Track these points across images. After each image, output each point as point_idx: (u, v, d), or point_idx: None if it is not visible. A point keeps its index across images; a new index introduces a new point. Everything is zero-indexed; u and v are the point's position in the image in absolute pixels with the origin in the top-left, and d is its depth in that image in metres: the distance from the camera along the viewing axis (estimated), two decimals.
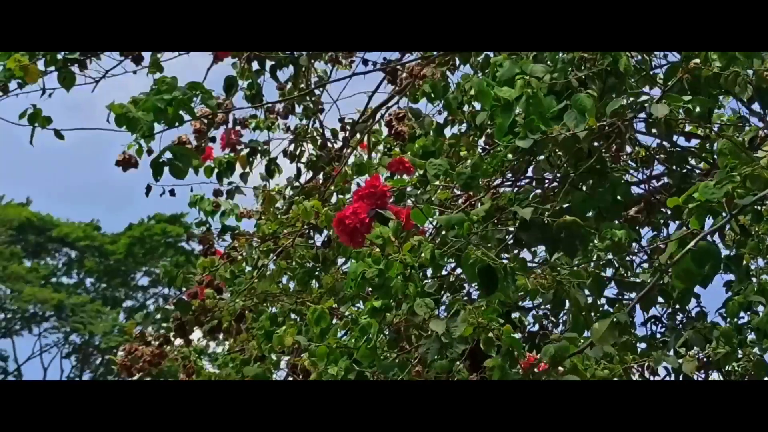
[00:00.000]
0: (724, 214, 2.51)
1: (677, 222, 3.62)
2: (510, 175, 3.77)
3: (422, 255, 3.06)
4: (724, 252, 3.36)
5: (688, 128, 3.81)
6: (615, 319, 2.69)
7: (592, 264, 3.21)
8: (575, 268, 3.07)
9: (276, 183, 4.74)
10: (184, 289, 4.27)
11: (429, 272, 3.54)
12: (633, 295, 3.85)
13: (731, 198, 2.46)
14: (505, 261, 2.81)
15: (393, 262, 2.91)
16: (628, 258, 3.51)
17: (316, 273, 4.23)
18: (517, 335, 3.66)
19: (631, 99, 3.00)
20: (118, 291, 28.70)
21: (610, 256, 3.77)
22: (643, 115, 3.52)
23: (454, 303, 2.86)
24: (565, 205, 3.22)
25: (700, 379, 3.62)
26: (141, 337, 4.07)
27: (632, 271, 3.49)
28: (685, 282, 2.54)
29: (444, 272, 3.66)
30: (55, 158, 42.07)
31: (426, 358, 3.14)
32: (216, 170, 4.66)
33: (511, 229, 3.24)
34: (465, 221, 3.00)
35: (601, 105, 2.89)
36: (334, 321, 3.45)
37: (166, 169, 3.67)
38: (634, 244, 3.69)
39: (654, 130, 3.51)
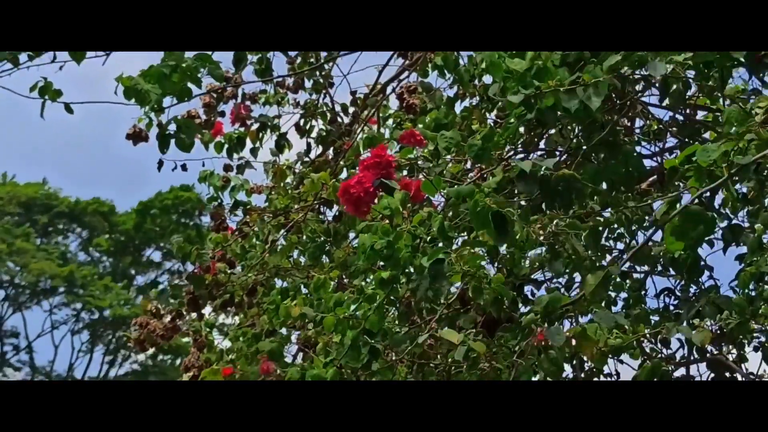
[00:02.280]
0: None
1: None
2: (522, 148, 3.76)
3: (432, 228, 3.06)
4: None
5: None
6: (608, 272, 2.67)
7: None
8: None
9: (286, 158, 4.74)
10: (193, 264, 4.26)
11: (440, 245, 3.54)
12: (645, 268, 3.86)
13: (729, 159, 2.44)
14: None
15: (401, 233, 2.90)
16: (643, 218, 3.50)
17: (327, 247, 4.23)
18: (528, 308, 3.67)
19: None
20: (129, 268, 28.84)
21: (621, 230, 3.81)
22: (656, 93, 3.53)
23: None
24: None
25: (714, 351, 3.63)
26: (155, 312, 4.08)
27: (634, 227, 3.50)
28: (675, 243, 2.53)
29: (455, 246, 3.66)
30: (65, 132, 42.27)
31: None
32: (226, 146, 4.66)
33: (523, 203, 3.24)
34: (475, 192, 2.99)
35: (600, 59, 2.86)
36: (345, 297, 3.45)
37: (173, 142, 3.66)
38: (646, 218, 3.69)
39: (666, 102, 3.48)
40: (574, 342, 2.98)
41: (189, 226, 27.55)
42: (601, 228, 3.34)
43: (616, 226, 3.70)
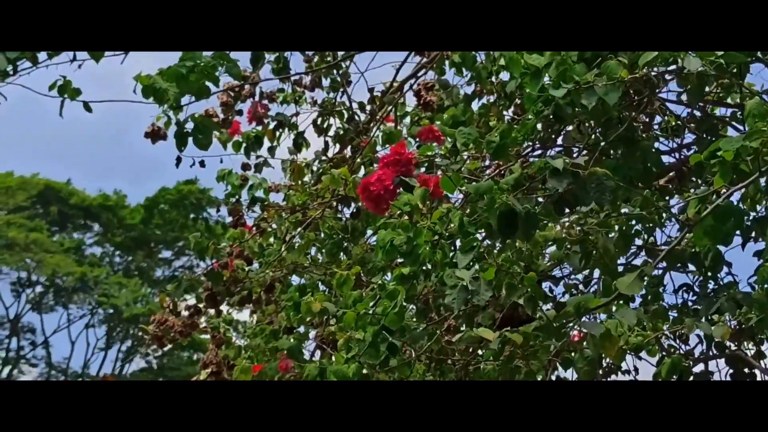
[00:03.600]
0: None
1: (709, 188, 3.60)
2: (539, 144, 3.76)
3: (451, 224, 3.06)
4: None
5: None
6: (642, 271, 2.67)
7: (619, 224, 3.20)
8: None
9: (303, 157, 4.75)
10: (211, 260, 4.27)
11: (457, 243, 3.55)
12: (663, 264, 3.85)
13: (758, 154, 2.43)
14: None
15: (421, 229, 2.90)
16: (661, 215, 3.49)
17: (345, 244, 4.24)
18: (548, 306, 3.67)
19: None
20: (143, 263, 28.96)
21: (639, 227, 3.80)
22: (674, 86, 3.52)
23: (469, 242, 2.83)
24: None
25: (733, 347, 3.62)
26: (172, 308, 4.09)
27: (660, 225, 3.48)
28: (705, 240, 2.52)
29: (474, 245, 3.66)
30: (84, 131, 42.53)
31: (451, 311, 3.14)
32: (244, 144, 4.67)
33: (540, 199, 3.23)
34: (494, 189, 2.99)
35: (634, 57, 2.86)
36: (363, 293, 3.46)
37: (191, 140, 3.66)
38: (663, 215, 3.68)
39: (683, 97, 3.48)
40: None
41: (196, 220, 27.75)
42: (625, 228, 3.32)
43: (634, 222, 3.70)
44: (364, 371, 3.07)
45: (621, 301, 3.12)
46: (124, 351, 29.04)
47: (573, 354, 2.96)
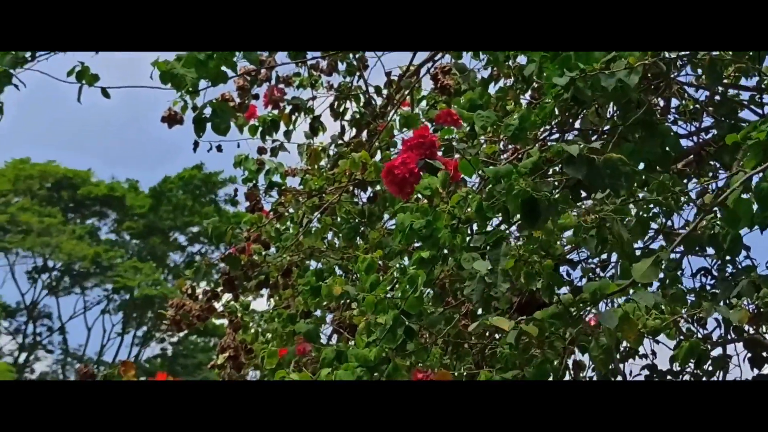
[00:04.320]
0: None
1: (727, 172, 3.58)
2: (557, 128, 3.75)
3: (469, 208, 3.06)
4: None
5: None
6: (657, 257, 2.66)
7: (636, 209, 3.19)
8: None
9: (320, 141, 4.75)
10: (228, 245, 4.28)
11: (474, 227, 3.55)
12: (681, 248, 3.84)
13: None
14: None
15: (441, 213, 2.90)
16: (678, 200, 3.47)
17: (362, 229, 4.24)
18: (565, 290, 3.66)
19: None
20: (158, 248, 29.11)
21: (656, 211, 3.79)
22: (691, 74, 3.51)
23: (495, 234, 2.83)
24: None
25: (751, 331, 3.61)
26: (190, 293, 4.11)
27: (677, 210, 3.46)
28: (734, 223, 2.51)
29: (489, 228, 3.66)
30: (101, 117, 42.74)
31: (470, 302, 3.13)
32: (260, 129, 4.67)
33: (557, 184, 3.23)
34: (513, 173, 2.98)
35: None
36: (381, 277, 3.46)
37: (209, 125, 3.67)
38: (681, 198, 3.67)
39: (702, 78, 3.47)
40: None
41: (206, 203, 27.94)
42: (643, 213, 3.31)
43: (651, 206, 3.69)
44: (384, 355, 3.07)
45: (639, 285, 3.12)
46: (140, 337, 29.19)
47: (589, 339, 2.95)
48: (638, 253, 3.50)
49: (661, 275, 3.85)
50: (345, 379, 2.97)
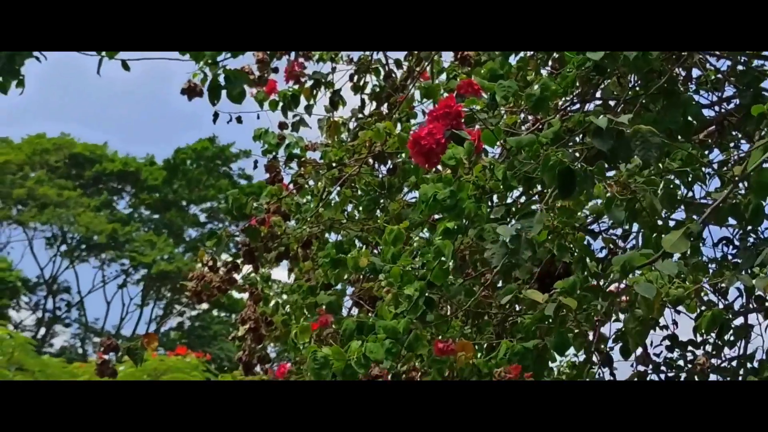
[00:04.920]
0: None
1: (750, 142, 3.56)
2: (578, 98, 3.74)
3: (492, 178, 3.06)
4: None
5: None
6: (687, 229, 2.65)
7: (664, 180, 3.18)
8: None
9: (340, 115, 4.74)
10: (248, 216, 4.28)
11: (495, 199, 3.55)
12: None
13: None
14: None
15: (465, 183, 2.90)
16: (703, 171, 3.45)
17: (382, 201, 4.24)
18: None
19: None
20: (174, 223, 29.24)
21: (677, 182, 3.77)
22: None
23: (529, 205, 2.83)
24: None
25: None
26: (211, 265, 4.11)
27: (705, 184, 3.45)
28: (761, 194, 2.50)
29: (510, 200, 3.66)
30: (120, 89, 42.87)
31: (490, 266, 3.13)
32: (280, 103, 4.66)
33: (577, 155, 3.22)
34: (535, 143, 2.98)
35: None
36: (402, 249, 3.46)
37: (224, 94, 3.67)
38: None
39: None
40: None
41: (220, 176, 28.05)
42: (672, 185, 3.30)
43: (672, 177, 3.67)
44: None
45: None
46: (159, 310, 29.37)
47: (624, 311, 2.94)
48: (660, 223, 3.50)
49: None
50: (374, 350, 2.98)
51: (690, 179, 3.61)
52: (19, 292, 27.48)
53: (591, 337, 3.49)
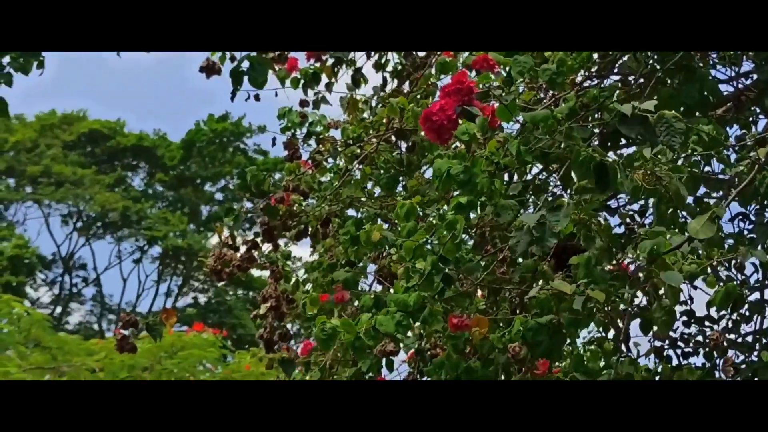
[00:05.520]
0: None
1: None
2: (595, 73, 3.74)
3: (506, 154, 3.06)
4: None
5: None
6: (713, 213, 2.66)
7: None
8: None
9: (362, 94, 4.74)
10: (266, 193, 4.30)
11: (514, 176, 3.56)
12: (719, 193, 3.83)
13: None
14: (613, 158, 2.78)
15: (479, 158, 2.91)
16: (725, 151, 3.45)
17: (401, 178, 4.26)
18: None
19: None
20: (188, 200, 29.31)
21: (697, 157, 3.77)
22: None
23: (546, 183, 2.84)
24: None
25: None
26: (230, 243, 4.14)
27: (729, 165, 3.44)
28: None
29: (528, 176, 3.67)
30: (137, 67, 42.93)
31: (513, 253, 3.14)
32: (302, 81, 4.67)
33: (596, 130, 3.22)
34: (550, 118, 2.99)
35: None
36: (418, 224, 3.48)
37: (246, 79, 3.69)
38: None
39: None
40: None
41: (236, 153, 28.08)
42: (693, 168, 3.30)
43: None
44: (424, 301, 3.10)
45: (676, 229, 3.12)
46: (175, 287, 29.48)
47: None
48: None
49: None
50: (385, 323, 3.00)
51: (709, 158, 3.61)
52: (35, 269, 27.62)
53: (622, 325, 3.50)
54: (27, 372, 9.44)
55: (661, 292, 2.99)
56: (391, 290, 3.48)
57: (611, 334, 3.88)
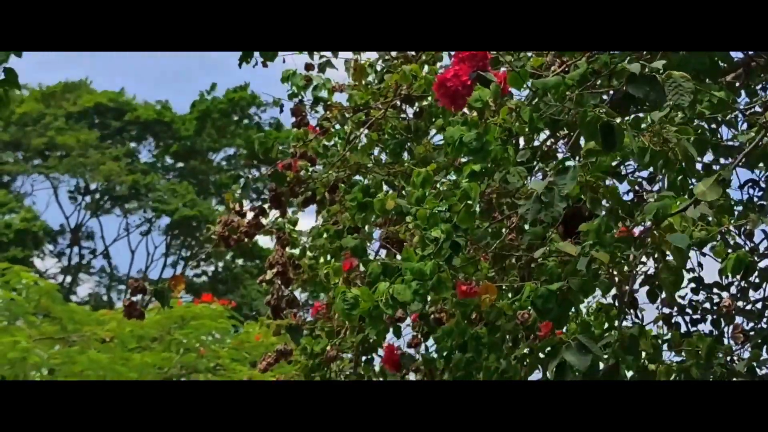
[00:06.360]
0: None
1: None
2: None
3: (517, 122, 3.05)
4: None
5: None
6: (719, 176, 2.65)
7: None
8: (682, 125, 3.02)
9: (367, 57, 4.71)
10: (274, 160, 4.29)
11: (521, 142, 3.54)
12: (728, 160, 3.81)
13: None
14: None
15: (491, 126, 2.90)
16: (731, 115, 3.44)
17: (408, 144, 4.25)
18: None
19: None
20: (197, 170, 29.28)
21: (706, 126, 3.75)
22: None
23: (562, 162, 2.83)
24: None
25: None
26: (238, 210, 4.14)
27: (737, 128, 3.42)
28: None
29: (536, 143, 3.65)
30: None
31: (522, 221, 3.13)
32: None
33: (605, 97, 3.20)
34: (561, 84, 2.97)
35: None
36: (427, 192, 3.47)
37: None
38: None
39: None
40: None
41: (249, 126, 28.03)
42: (701, 131, 3.28)
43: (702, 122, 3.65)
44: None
45: (685, 195, 3.11)
46: (183, 258, 29.51)
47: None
48: None
49: None
50: (401, 292, 2.99)
51: (718, 124, 3.60)
52: (42, 243, 27.64)
53: (626, 287, 3.49)
54: (37, 342, 9.46)
55: (668, 255, 2.98)
56: (398, 256, 3.48)
57: (617, 300, 3.87)
